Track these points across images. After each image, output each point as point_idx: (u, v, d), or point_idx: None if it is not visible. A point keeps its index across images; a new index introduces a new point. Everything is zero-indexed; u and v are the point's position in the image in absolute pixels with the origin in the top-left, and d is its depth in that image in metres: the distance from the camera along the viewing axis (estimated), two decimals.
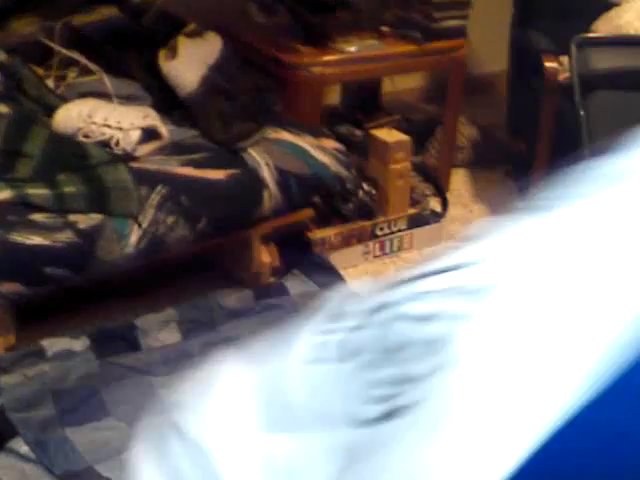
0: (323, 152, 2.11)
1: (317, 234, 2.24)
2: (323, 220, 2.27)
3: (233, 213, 1.98)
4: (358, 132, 2.52)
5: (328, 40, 2.37)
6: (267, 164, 2.01)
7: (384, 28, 2.53)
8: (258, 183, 1.99)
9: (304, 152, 2.08)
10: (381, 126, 2.49)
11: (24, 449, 1.59)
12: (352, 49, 2.35)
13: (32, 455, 1.59)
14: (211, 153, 2.01)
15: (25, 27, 2.15)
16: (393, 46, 2.46)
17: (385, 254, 2.35)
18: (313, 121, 2.31)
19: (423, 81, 3.24)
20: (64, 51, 2.12)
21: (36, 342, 1.83)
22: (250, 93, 2.14)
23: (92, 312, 1.96)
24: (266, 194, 2.00)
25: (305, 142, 2.10)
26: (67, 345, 1.86)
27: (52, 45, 2.12)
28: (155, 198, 1.86)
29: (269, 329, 1.92)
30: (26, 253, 1.71)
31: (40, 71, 2.11)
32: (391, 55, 2.44)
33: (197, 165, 1.96)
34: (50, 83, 2.09)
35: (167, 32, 2.18)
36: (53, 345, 1.84)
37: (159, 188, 1.88)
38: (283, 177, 2.02)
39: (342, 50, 2.34)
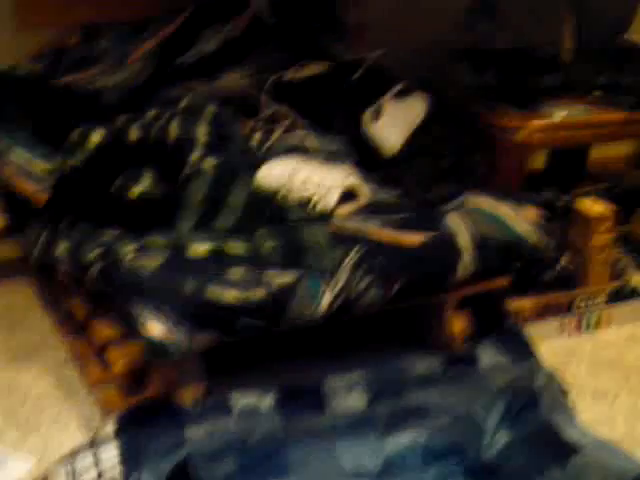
0: (523, 221, 2.04)
1: (513, 304, 2.18)
2: (519, 288, 2.20)
3: (427, 277, 1.94)
4: (564, 197, 2.43)
5: (537, 103, 2.32)
6: (465, 230, 1.97)
7: (595, 92, 2.45)
8: (454, 248, 1.95)
9: (503, 220, 2.03)
10: (587, 194, 2.40)
11: None
12: (561, 114, 2.29)
13: None
14: (410, 215, 2.00)
15: (238, 80, 2.20)
16: (603, 112, 2.38)
17: (581, 330, 2.25)
18: (516, 186, 2.26)
19: (633, 147, 3.11)
20: (274, 106, 2.16)
21: (224, 395, 1.85)
22: (454, 155, 2.12)
23: (280, 368, 1.97)
24: (462, 260, 1.96)
25: (505, 210, 2.04)
26: (253, 401, 1.86)
27: (263, 99, 2.17)
28: (351, 259, 1.86)
29: (457, 401, 1.87)
30: (223, 306, 1.74)
31: (249, 123, 2.16)
32: (601, 122, 2.36)
33: (395, 226, 1.95)
34: (258, 136, 2.13)
35: (375, 90, 2.20)
36: (240, 399, 1.86)
37: (356, 249, 1.87)
38: (480, 244, 1.98)
39: (550, 115, 2.28)
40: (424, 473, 1.73)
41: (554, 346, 2.19)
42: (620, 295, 2.31)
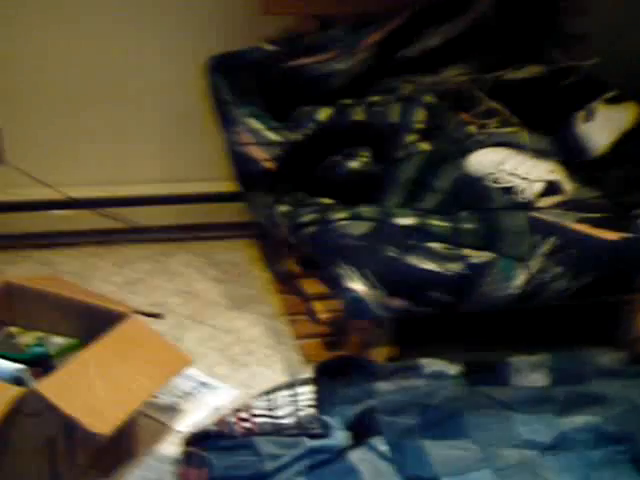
0: None
1: None
2: None
3: (617, 275, 2.02)
4: None
5: None
6: None
7: None
8: None
9: None
10: None
11: (383, 448, 1.76)
12: None
13: (389, 454, 1.76)
14: (608, 214, 2.08)
15: (458, 77, 2.36)
16: None
17: None
18: None
19: None
20: (489, 102, 2.30)
21: (415, 359, 2.02)
22: None
23: (469, 343, 2.11)
24: None
25: None
26: (442, 367, 2.01)
27: (479, 95, 2.32)
28: (546, 247, 1.98)
29: (635, 394, 1.94)
30: (418, 275, 1.90)
31: (466, 117, 2.31)
32: None
33: (592, 224, 2.04)
34: (472, 129, 2.28)
35: (587, 95, 2.29)
36: (430, 365, 2.00)
37: (552, 239, 1.98)
38: None
39: None
40: (592, 452, 1.82)
41: None
42: None
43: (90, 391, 1.53)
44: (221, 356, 2.10)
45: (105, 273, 2.44)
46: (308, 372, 1.96)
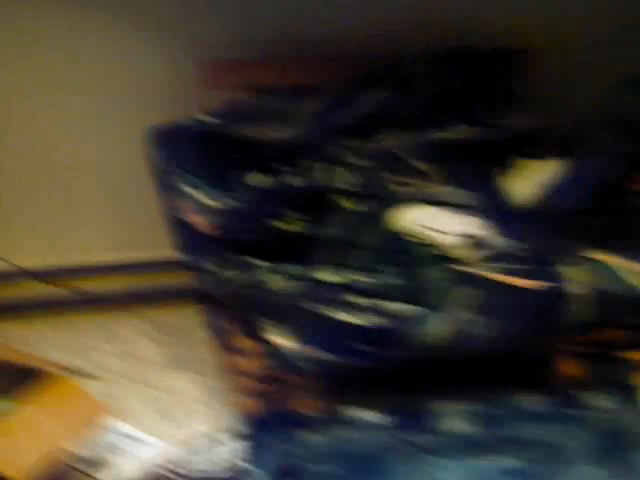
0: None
1: (631, 355, 2.27)
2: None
3: (537, 322, 2.09)
4: None
5: None
6: (580, 282, 2.11)
7: None
8: (568, 297, 2.09)
9: (625, 276, 2.15)
10: None
11: None
12: None
13: None
14: (528, 265, 2.16)
15: (389, 140, 2.46)
16: None
17: None
18: None
19: None
20: (418, 163, 2.40)
21: (342, 410, 2.07)
22: (578, 214, 2.26)
23: (396, 391, 2.17)
24: (573, 309, 2.09)
25: (627, 266, 2.17)
26: (368, 417, 2.08)
27: (409, 157, 2.41)
28: (468, 299, 2.04)
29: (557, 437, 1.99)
30: (342, 329, 1.97)
31: (394, 178, 2.40)
32: None
33: (513, 274, 2.11)
34: (397, 188, 2.37)
35: (515, 151, 2.39)
36: (356, 414, 2.07)
37: (474, 290, 2.06)
38: (597, 296, 2.11)
39: None
40: None
41: None
42: None
43: (7, 438, 1.59)
44: (156, 413, 2.16)
45: (48, 344, 2.50)
46: (240, 426, 2.02)
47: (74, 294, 2.65)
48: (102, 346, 2.48)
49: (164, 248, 2.55)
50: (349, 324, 1.96)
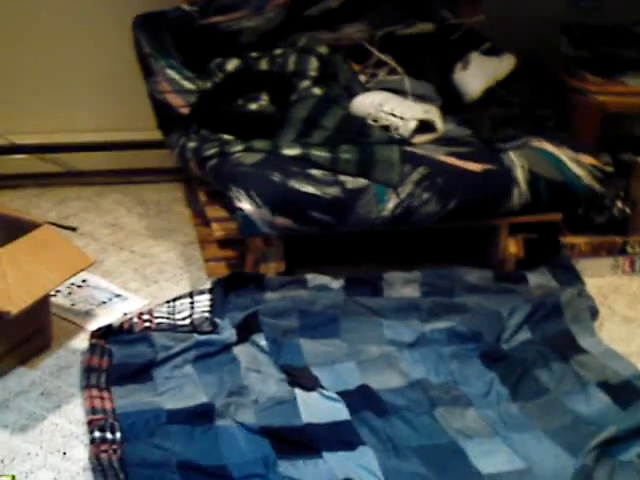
0: (578, 165, 2.37)
1: (568, 239, 2.50)
2: (577, 228, 2.52)
3: (482, 201, 2.31)
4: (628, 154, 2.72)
5: (618, 74, 2.63)
6: (522, 166, 2.32)
7: None
8: (509, 180, 2.30)
9: (559, 161, 2.36)
10: None
11: (263, 343, 2.04)
12: (637, 83, 2.58)
13: (267, 348, 2.04)
14: (475, 149, 2.37)
15: (354, 33, 2.65)
16: None
17: (634, 271, 2.54)
18: (590, 142, 2.57)
19: None
20: (379, 54, 2.59)
21: (301, 275, 2.31)
22: (525, 106, 2.46)
23: (350, 261, 2.41)
24: (516, 191, 2.31)
25: (563, 153, 2.37)
26: (326, 281, 2.30)
27: (371, 49, 2.61)
28: (416, 176, 2.25)
29: (493, 304, 2.20)
30: (299, 197, 2.18)
31: (358, 67, 2.60)
32: None
33: (459, 157, 2.32)
34: (363, 78, 2.58)
35: (467, 47, 2.58)
36: (314, 279, 2.29)
37: (421, 168, 2.26)
38: (534, 179, 2.32)
39: (626, 83, 2.59)
40: (444, 348, 2.11)
41: (603, 281, 2.50)
42: None
43: (1, 279, 1.82)
44: (135, 274, 2.40)
45: (42, 210, 2.74)
46: (207, 284, 2.25)
47: (64, 169, 2.87)
48: (89, 217, 2.71)
49: (148, 130, 2.78)
50: (307, 194, 2.18)
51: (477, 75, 2.49)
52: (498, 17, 2.79)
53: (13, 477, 1.66)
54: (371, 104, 2.41)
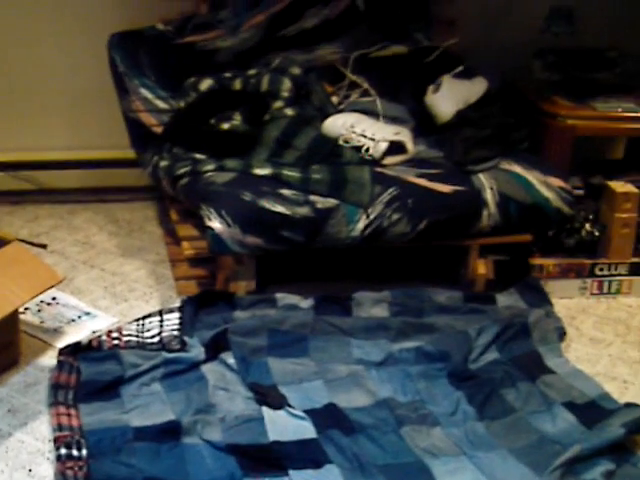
0: (547, 187, 2.40)
1: (538, 260, 2.52)
2: (546, 250, 2.54)
3: (452, 222, 2.33)
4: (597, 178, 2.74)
5: (589, 98, 2.66)
6: (491, 188, 2.34)
7: None
8: (479, 201, 2.33)
9: (528, 184, 2.38)
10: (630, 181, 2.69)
11: (231, 361, 2.05)
12: (607, 108, 2.62)
13: (235, 367, 2.04)
14: (445, 170, 2.39)
15: (328, 55, 2.68)
16: None
17: (602, 294, 2.57)
18: (562, 165, 2.59)
19: None
20: (352, 76, 2.62)
21: (271, 294, 2.31)
22: (497, 128, 2.49)
23: (322, 278, 2.42)
24: (485, 212, 2.33)
25: (532, 176, 2.40)
26: (295, 301, 2.31)
27: (344, 71, 2.64)
28: (386, 197, 2.27)
29: (461, 325, 2.21)
30: (269, 216, 2.19)
31: (331, 89, 2.62)
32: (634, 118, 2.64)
33: (430, 178, 2.34)
34: (336, 99, 2.60)
35: (441, 70, 2.60)
36: (284, 298, 2.30)
37: (391, 190, 2.28)
38: (504, 201, 2.34)
39: (596, 108, 2.62)
40: (412, 367, 2.12)
41: (571, 302, 2.52)
42: None
43: None
44: (105, 292, 2.40)
45: (14, 227, 2.73)
46: (179, 304, 2.25)
47: (36, 187, 2.87)
48: (60, 234, 2.71)
49: (121, 148, 2.79)
50: (278, 213, 2.19)
51: (448, 98, 2.51)
52: (474, 40, 2.84)
53: None
54: (343, 125, 2.43)
